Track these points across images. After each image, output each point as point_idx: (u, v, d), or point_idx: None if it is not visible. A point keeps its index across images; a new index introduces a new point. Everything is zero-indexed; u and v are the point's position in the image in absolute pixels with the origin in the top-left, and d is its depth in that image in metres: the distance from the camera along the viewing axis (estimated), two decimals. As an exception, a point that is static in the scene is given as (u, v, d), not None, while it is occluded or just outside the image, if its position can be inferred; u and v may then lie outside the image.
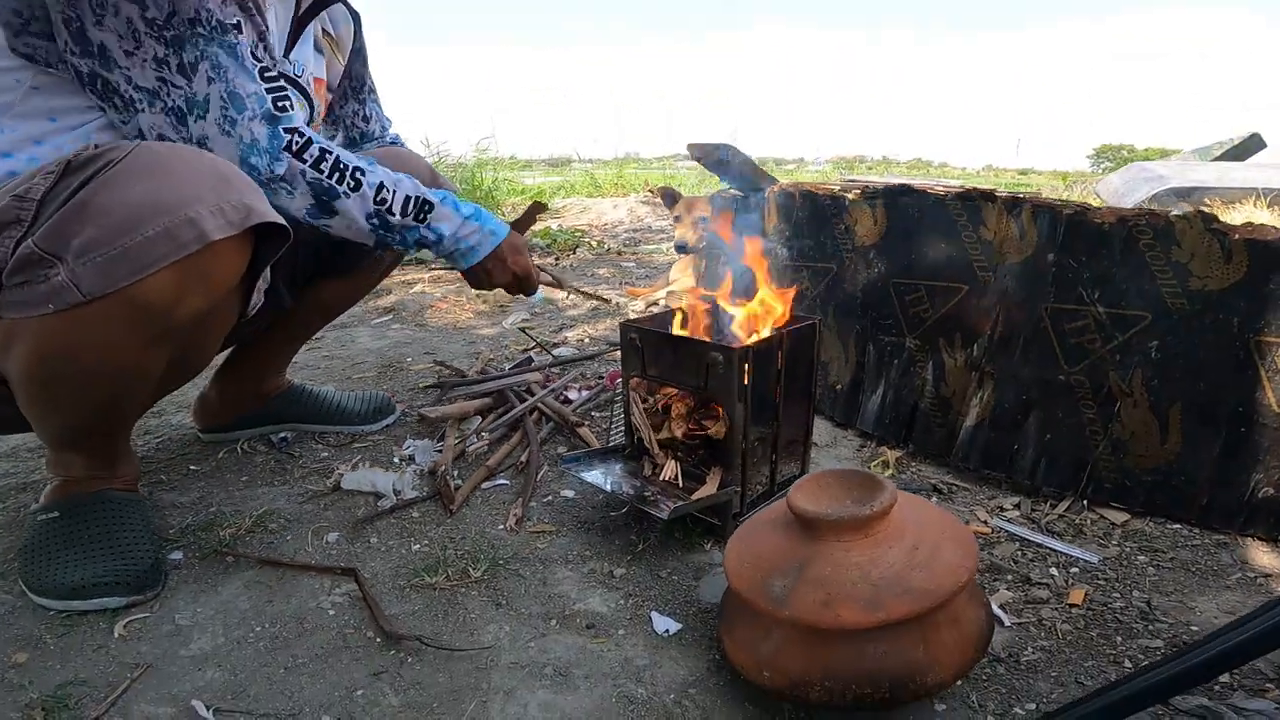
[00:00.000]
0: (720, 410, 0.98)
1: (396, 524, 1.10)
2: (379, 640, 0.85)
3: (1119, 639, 0.86)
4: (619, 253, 4.06)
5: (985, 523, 1.13)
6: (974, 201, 1.29)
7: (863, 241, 1.44)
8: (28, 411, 0.93)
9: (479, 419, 1.43)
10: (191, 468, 1.29)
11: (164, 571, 0.97)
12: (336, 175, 1.01)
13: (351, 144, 1.41)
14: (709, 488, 0.97)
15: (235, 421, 1.38)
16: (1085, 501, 1.17)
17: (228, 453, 1.34)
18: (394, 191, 1.06)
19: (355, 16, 1.33)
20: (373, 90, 1.42)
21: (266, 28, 1.00)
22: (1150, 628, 0.88)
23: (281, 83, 0.98)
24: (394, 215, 1.06)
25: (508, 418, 1.39)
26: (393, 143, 1.47)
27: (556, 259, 3.82)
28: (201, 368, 1.09)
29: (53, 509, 0.98)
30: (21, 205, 0.80)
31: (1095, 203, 7.25)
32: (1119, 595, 0.95)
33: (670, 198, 2.23)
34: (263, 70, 0.96)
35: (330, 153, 1.00)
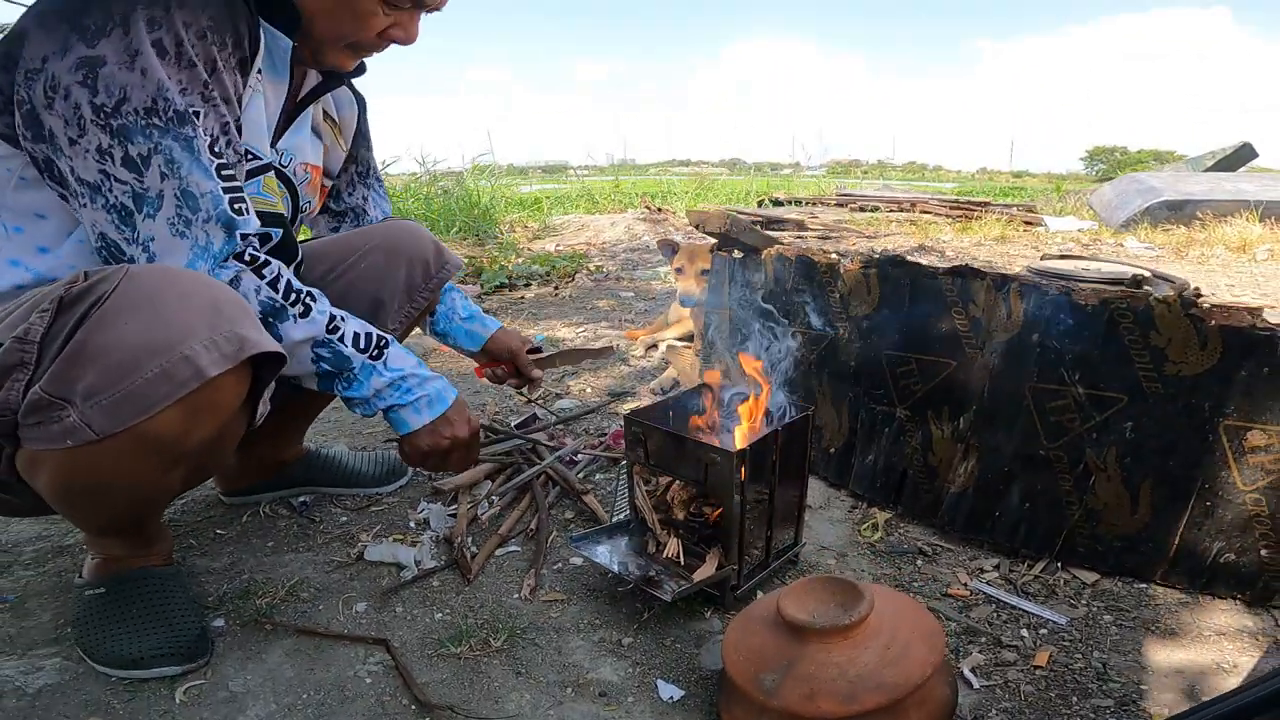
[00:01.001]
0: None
1: (419, 593, 1.26)
2: (414, 708, 1.01)
3: (1074, 699, 1.02)
4: (618, 279, 4.24)
5: (965, 585, 1.29)
6: (964, 277, 1.42)
7: (856, 311, 1.60)
8: (60, 514, 1.06)
9: (488, 483, 1.60)
10: (219, 532, 1.45)
11: (210, 639, 1.12)
12: (292, 296, 1.03)
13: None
14: (708, 568, 1.14)
15: (255, 486, 1.54)
16: (1060, 563, 1.33)
17: (251, 516, 1.50)
18: (344, 322, 1.09)
19: (359, 100, 1.40)
20: (376, 174, 1.51)
21: (233, 118, 1.01)
22: (1104, 688, 1.04)
23: (238, 183, 1.00)
24: (345, 345, 1.08)
25: (516, 482, 1.55)
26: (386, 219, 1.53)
27: (556, 287, 3.99)
28: (219, 471, 1.21)
29: (99, 585, 1.12)
30: (24, 348, 0.86)
31: (1088, 215, 7.47)
32: (1080, 656, 1.10)
33: (670, 249, 2.40)
34: (220, 168, 0.97)
35: (283, 275, 1.04)
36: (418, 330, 1.53)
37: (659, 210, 7.42)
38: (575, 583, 1.29)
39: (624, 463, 1.31)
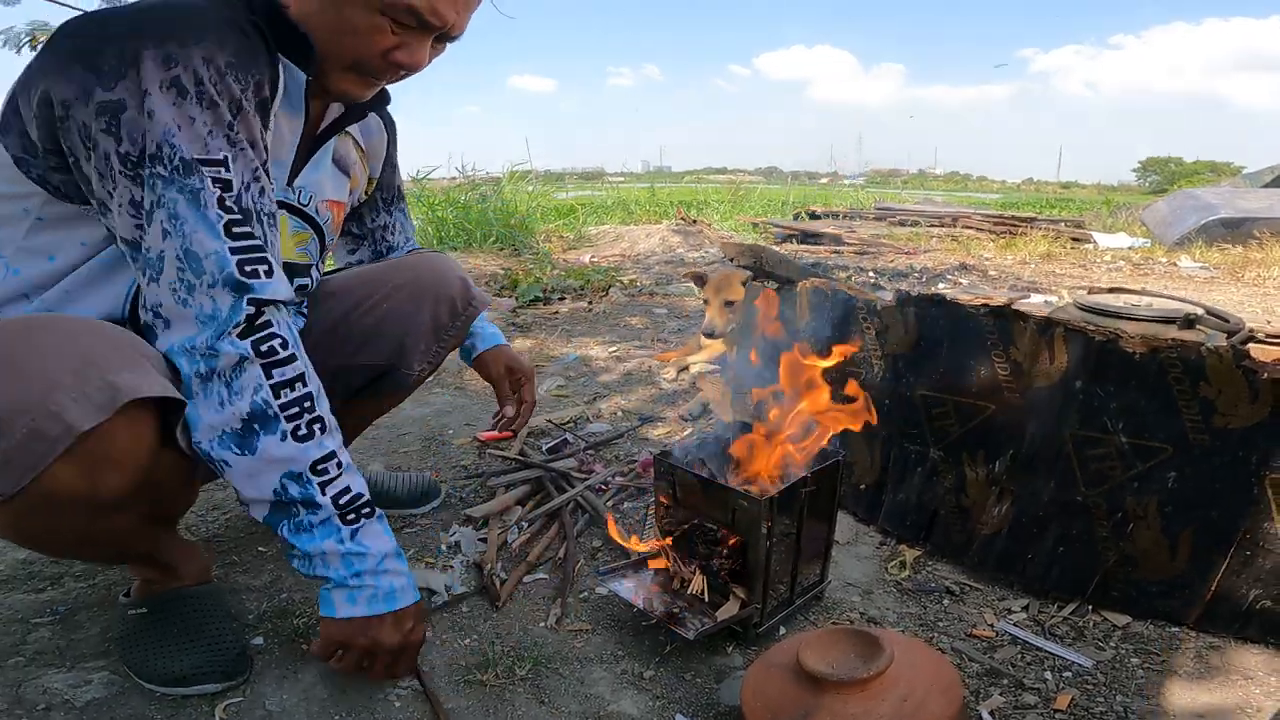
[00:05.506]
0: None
1: (449, 618, 1.31)
2: (440, 735, 1.05)
3: (1093, 744, 1.03)
4: (650, 294, 4.28)
5: (991, 626, 1.29)
6: (1006, 319, 1.41)
7: (893, 349, 1.61)
8: None
9: (519, 508, 1.65)
10: (260, 549, 1.52)
11: (249, 657, 1.18)
12: (292, 411, 0.93)
13: (378, 258, 1.47)
14: (731, 606, 1.17)
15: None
16: (1091, 605, 1.33)
17: (291, 534, 1.56)
18: (339, 473, 0.97)
19: (390, 125, 1.36)
20: (401, 197, 1.47)
21: (260, 162, 0.95)
22: (1123, 732, 1.04)
23: (258, 241, 0.92)
24: (322, 496, 0.96)
25: (545, 509, 1.60)
26: (412, 251, 1.50)
27: (590, 302, 4.04)
28: (192, 500, 1.16)
29: (141, 605, 1.17)
30: None
31: (1140, 232, 7.31)
32: (1103, 700, 1.11)
33: (699, 281, 2.44)
34: (231, 224, 0.89)
35: (303, 385, 0.94)
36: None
37: (693, 222, 7.46)
38: (600, 612, 1.33)
39: (651, 495, 1.34)
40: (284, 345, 0.94)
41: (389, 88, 1.18)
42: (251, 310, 0.91)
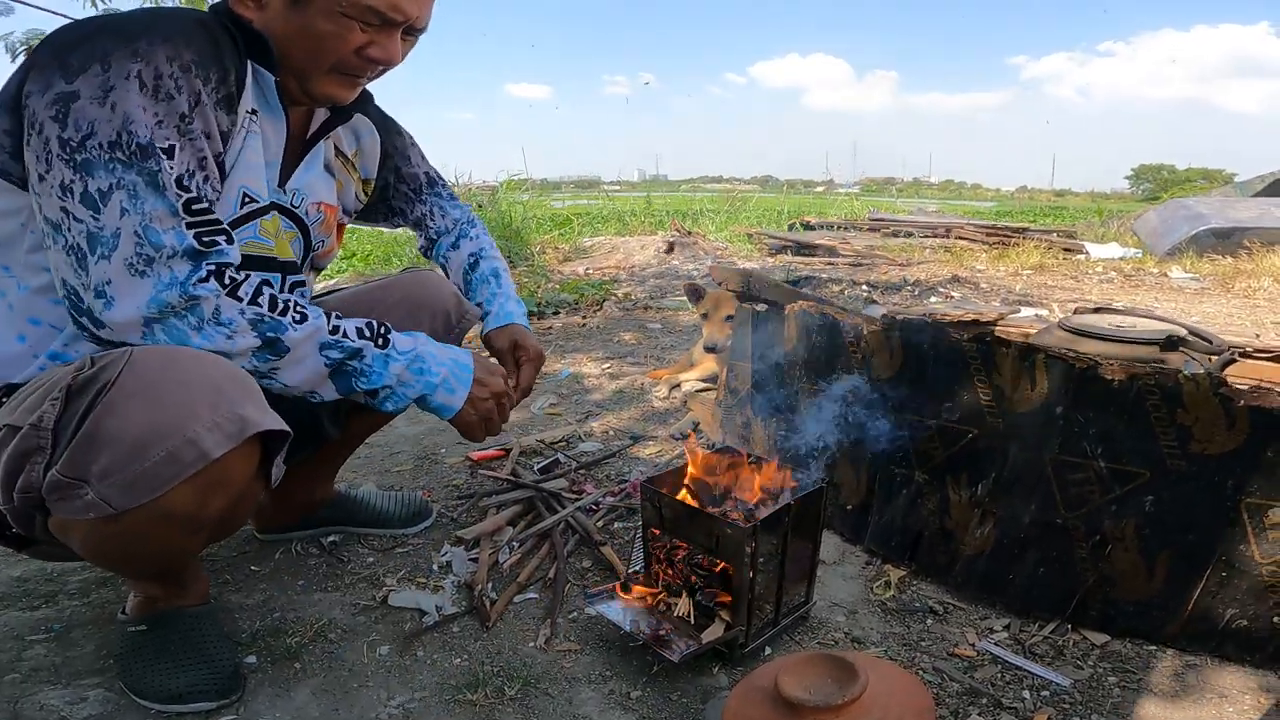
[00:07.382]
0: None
1: (439, 638, 1.34)
2: (430, 755, 1.09)
3: (1066, 762, 1.07)
4: (645, 308, 4.32)
5: (972, 645, 1.33)
6: (988, 345, 1.46)
7: (878, 374, 1.65)
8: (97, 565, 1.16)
9: (510, 529, 1.68)
10: (252, 568, 1.55)
11: (243, 675, 1.21)
12: (280, 308, 1.03)
13: (431, 245, 1.57)
14: (716, 629, 1.21)
15: (288, 525, 1.64)
16: (1071, 624, 1.37)
17: (284, 554, 1.60)
18: (343, 320, 1.09)
19: (382, 123, 1.41)
20: (432, 183, 1.53)
21: (213, 153, 1.02)
22: (1097, 751, 1.08)
23: (213, 216, 0.99)
24: (350, 339, 1.07)
25: (536, 529, 1.64)
26: (468, 223, 1.58)
27: (584, 316, 4.09)
28: (241, 526, 1.25)
29: (140, 623, 1.22)
30: (39, 434, 0.93)
31: (1131, 242, 7.40)
32: (1078, 718, 1.15)
33: (695, 294, 2.48)
34: (189, 203, 0.97)
35: (267, 290, 1.03)
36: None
37: (688, 234, 7.52)
38: (589, 633, 1.36)
39: (641, 515, 1.38)
40: (236, 277, 1.01)
41: (368, 87, 1.25)
42: (212, 267, 0.99)
